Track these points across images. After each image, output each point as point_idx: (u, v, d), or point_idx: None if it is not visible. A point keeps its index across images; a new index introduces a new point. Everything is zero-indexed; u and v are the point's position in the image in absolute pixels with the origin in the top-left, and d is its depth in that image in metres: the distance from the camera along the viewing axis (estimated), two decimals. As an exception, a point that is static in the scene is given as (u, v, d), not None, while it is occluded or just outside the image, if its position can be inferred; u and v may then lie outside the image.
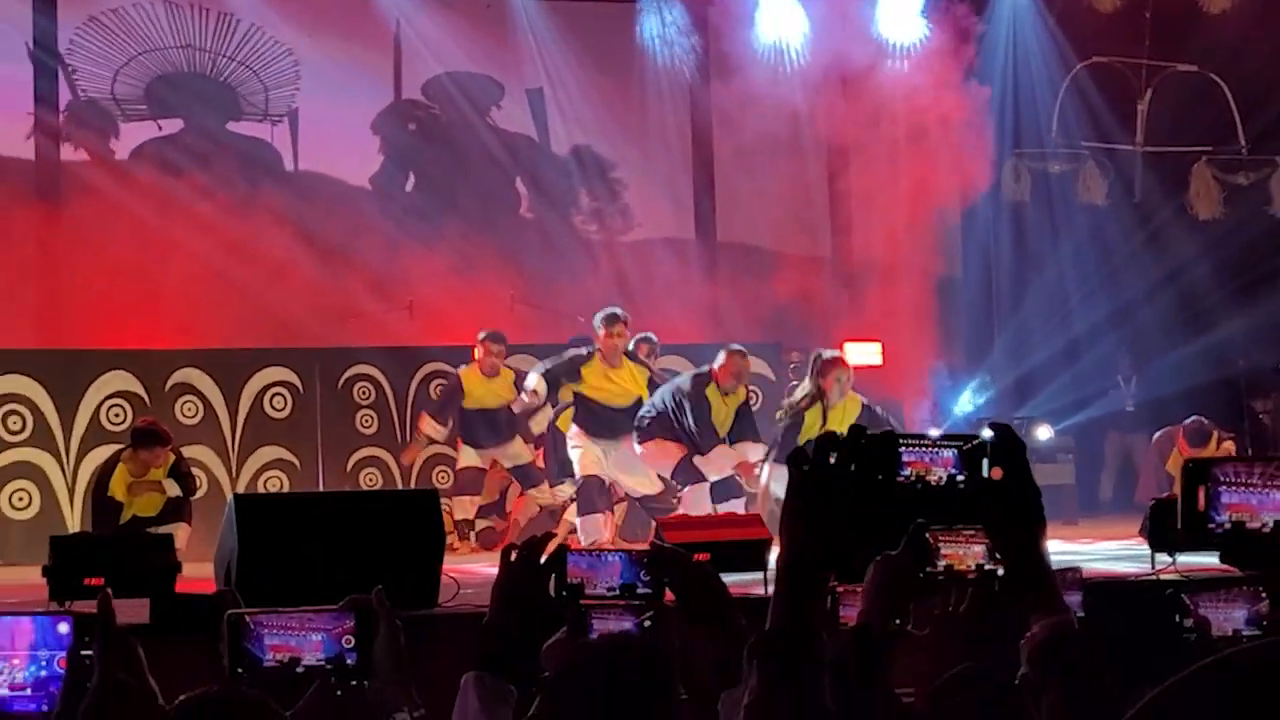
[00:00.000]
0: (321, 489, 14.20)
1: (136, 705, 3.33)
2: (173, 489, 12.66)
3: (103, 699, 3.28)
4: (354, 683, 3.95)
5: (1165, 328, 16.38)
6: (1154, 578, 8.89)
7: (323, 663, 3.97)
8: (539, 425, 14.33)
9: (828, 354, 13.35)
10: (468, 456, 14.22)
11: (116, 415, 14.44)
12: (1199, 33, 17.00)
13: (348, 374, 14.98)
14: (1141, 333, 16.62)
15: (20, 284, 16.07)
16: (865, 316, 17.24)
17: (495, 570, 3.91)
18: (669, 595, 4.44)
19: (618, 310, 13.27)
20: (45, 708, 3.49)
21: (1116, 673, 3.23)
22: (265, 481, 14.53)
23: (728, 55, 17.70)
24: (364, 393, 14.90)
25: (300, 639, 3.97)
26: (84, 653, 3.45)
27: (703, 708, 3.84)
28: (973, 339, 17.31)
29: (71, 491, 14.19)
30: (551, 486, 14.12)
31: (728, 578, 4.61)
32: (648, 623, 4.48)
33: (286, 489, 14.27)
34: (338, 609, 4.03)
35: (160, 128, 16.92)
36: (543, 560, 4.12)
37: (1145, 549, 9.65)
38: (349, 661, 3.98)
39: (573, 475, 13.22)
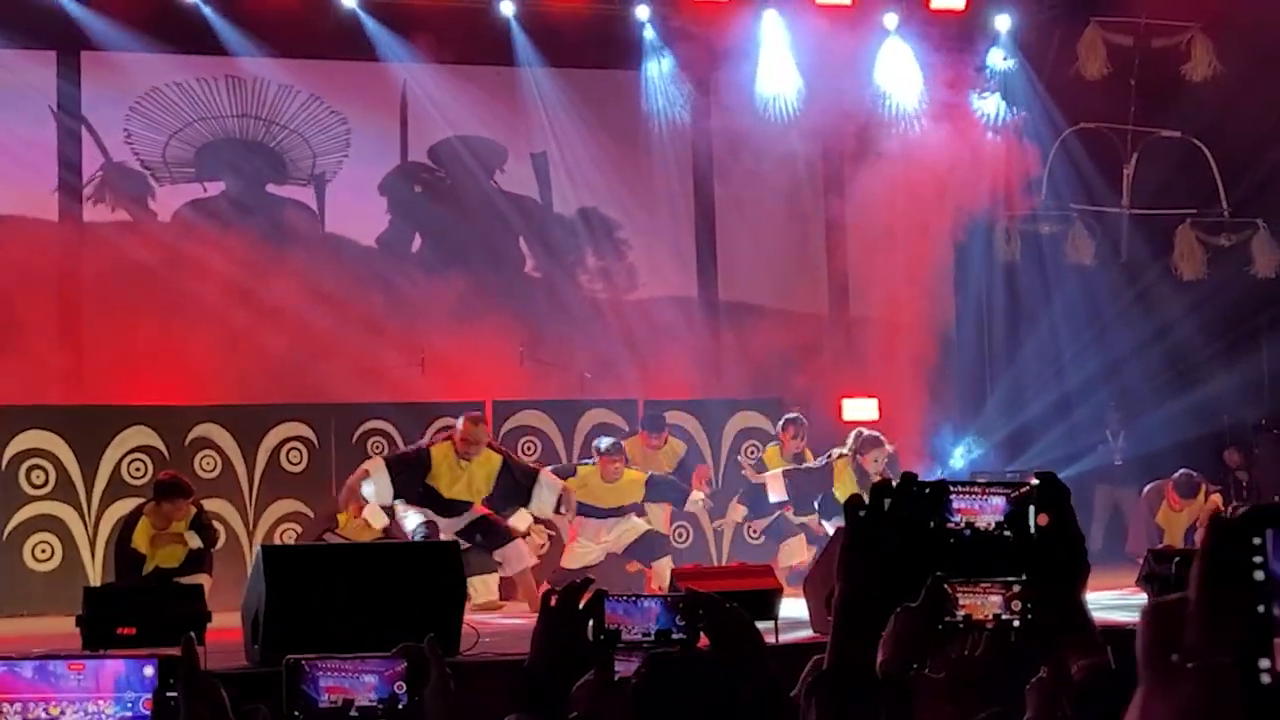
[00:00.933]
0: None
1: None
2: (194, 540, 12.69)
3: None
4: None
5: (1153, 384, 16.43)
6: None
7: (375, 704, 4.04)
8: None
9: (868, 433, 13.71)
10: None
11: (137, 469, 14.50)
12: (1182, 100, 17.15)
13: (362, 429, 15.08)
14: (1130, 389, 16.65)
15: (43, 341, 16.14)
16: (863, 372, 17.33)
17: (510, 622, 3.99)
18: (703, 640, 4.51)
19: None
20: (131, 749, 3.56)
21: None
22: (281, 533, 14.58)
23: (729, 121, 17.85)
24: (377, 447, 14.90)
25: (354, 681, 4.05)
26: (169, 694, 3.53)
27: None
28: (967, 394, 17.38)
29: (93, 543, 14.26)
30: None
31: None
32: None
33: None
34: (391, 655, 4.10)
35: (205, 189, 16.98)
36: (581, 605, 4.20)
37: (1140, 598, 9.74)
38: (400, 705, 4.05)
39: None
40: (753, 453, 15.62)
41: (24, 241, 16.25)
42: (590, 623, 4.51)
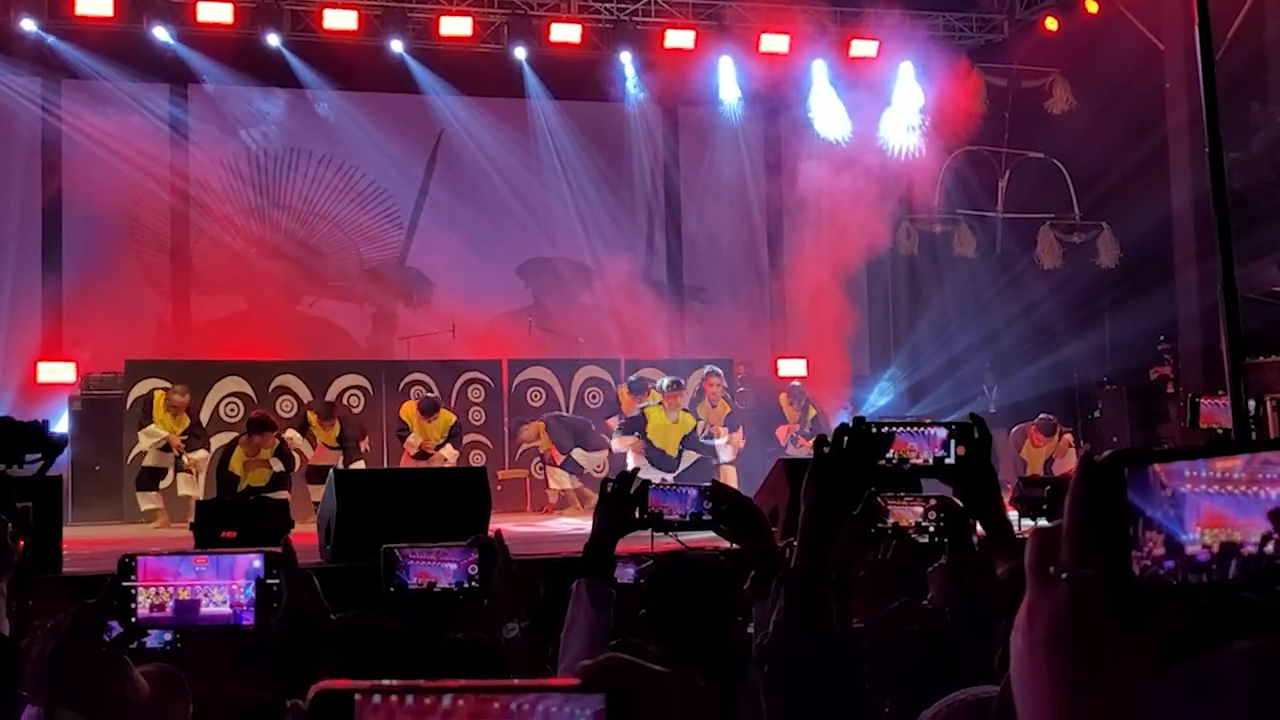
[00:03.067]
0: (386, 465, 14.39)
1: (315, 619, 3.53)
2: (278, 465, 12.80)
3: (292, 613, 3.47)
4: (475, 600, 4.10)
5: (1021, 349, 16.48)
6: (1024, 537, 9.20)
7: (453, 586, 4.13)
8: None
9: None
10: None
11: (231, 410, 14.56)
12: (1045, 128, 17.20)
13: (405, 380, 15.14)
14: (1003, 353, 16.70)
15: (160, 310, 16.23)
16: (795, 338, 17.46)
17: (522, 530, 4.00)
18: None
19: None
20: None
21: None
22: (340, 462, 14.63)
23: (692, 144, 17.97)
24: (418, 394, 14.97)
25: (438, 568, 4.13)
26: (270, 581, 3.63)
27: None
28: (876, 356, 17.50)
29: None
30: None
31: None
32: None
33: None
34: (465, 545, 4.18)
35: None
36: (631, 492, 4.30)
37: (1012, 515, 9.91)
38: (473, 585, 4.13)
39: None
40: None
41: (145, 236, 16.34)
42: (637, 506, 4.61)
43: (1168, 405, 15.60)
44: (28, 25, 15.09)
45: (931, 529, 5.96)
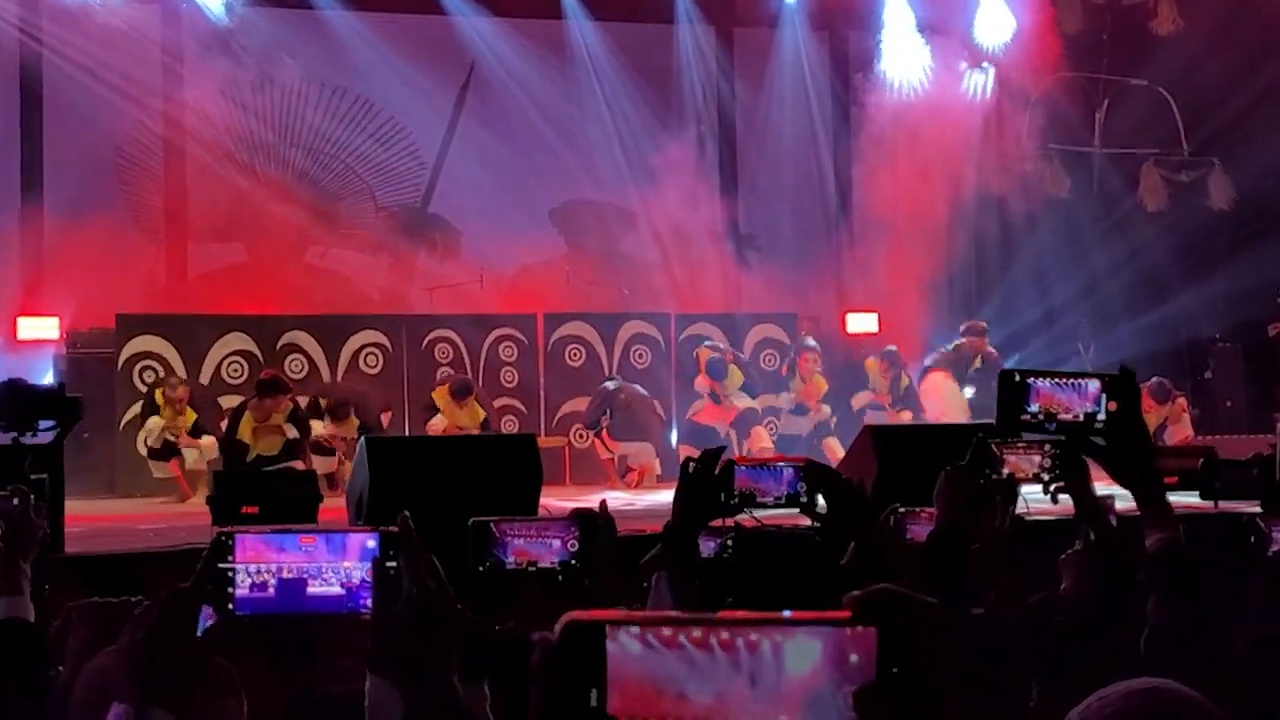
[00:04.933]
0: (408, 434, 14.47)
1: (443, 604, 3.62)
2: (292, 432, 12.91)
3: (418, 602, 3.56)
4: (578, 581, 4.17)
5: (1124, 301, 16.38)
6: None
7: (555, 566, 4.19)
8: None
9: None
10: None
11: (235, 370, 14.63)
12: (1149, 52, 17.10)
13: (430, 337, 15.20)
14: (1103, 305, 16.59)
15: (153, 258, 16.33)
16: (868, 289, 17.48)
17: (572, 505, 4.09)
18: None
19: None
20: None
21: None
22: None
23: (750, 68, 17.94)
24: (444, 353, 15.12)
25: (541, 545, 4.18)
26: (389, 564, 3.70)
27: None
28: (958, 310, 17.44)
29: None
30: None
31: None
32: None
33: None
34: (567, 519, 4.24)
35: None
36: (716, 472, 4.39)
37: (1116, 488, 9.96)
38: (575, 564, 4.19)
39: None
40: (771, 360, 15.80)
41: (136, 175, 16.43)
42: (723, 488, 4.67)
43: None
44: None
45: (1048, 479, 6.03)
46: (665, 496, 12.09)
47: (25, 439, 7.48)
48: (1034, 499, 8.20)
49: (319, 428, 13.42)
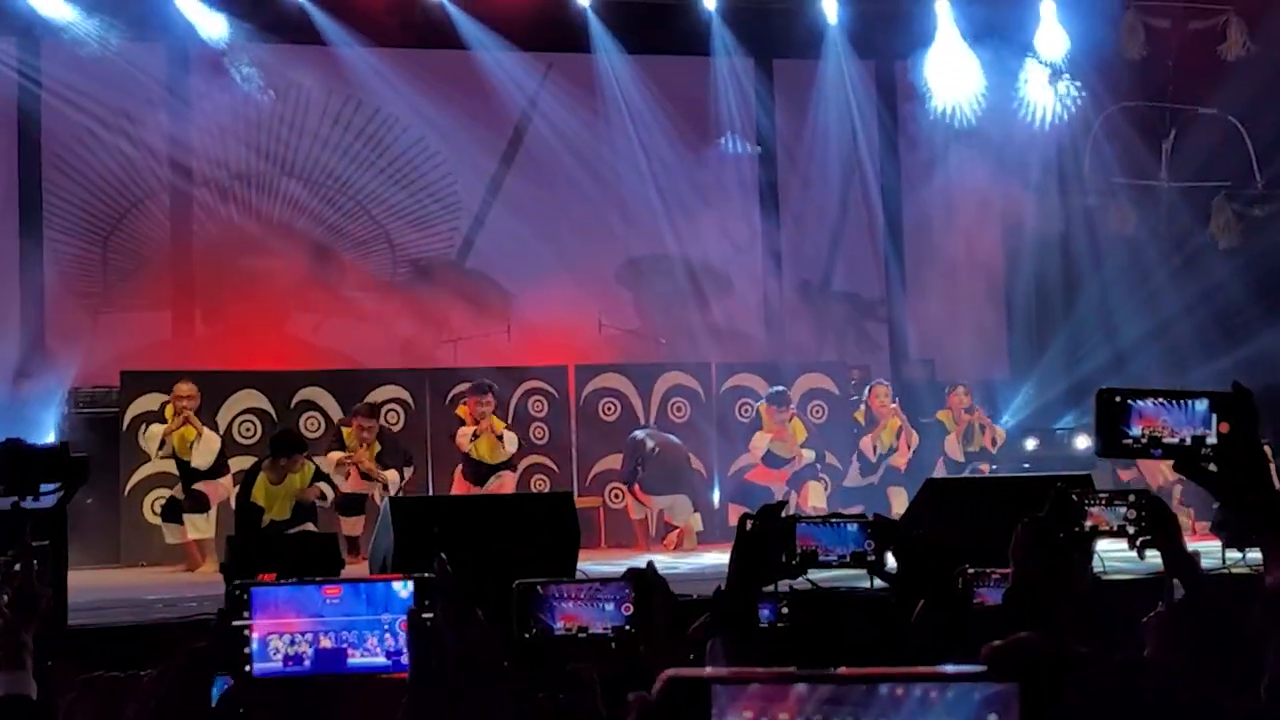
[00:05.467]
0: (431, 493, 14.21)
1: (489, 659, 3.35)
2: (328, 489, 12.69)
3: (463, 658, 3.28)
4: (633, 649, 3.92)
5: (1200, 343, 16.05)
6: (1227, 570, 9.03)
7: (608, 630, 3.93)
8: None
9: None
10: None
11: (247, 430, 14.43)
12: (1218, 79, 16.91)
13: (455, 391, 14.84)
14: (1177, 347, 16.27)
15: (160, 313, 16.18)
16: (921, 337, 17.27)
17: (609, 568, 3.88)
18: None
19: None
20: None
21: None
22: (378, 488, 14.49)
23: (792, 102, 17.78)
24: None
25: (592, 610, 3.92)
26: (425, 615, 3.45)
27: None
28: (1019, 356, 17.22)
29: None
30: None
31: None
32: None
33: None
34: (621, 579, 4.00)
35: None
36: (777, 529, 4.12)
37: (1215, 544, 9.65)
38: (629, 629, 3.95)
39: None
40: (819, 413, 15.54)
41: (141, 221, 16.32)
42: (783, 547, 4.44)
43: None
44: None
45: (1134, 532, 5.76)
46: (710, 559, 11.93)
47: (26, 503, 7.28)
48: (1110, 560, 7.97)
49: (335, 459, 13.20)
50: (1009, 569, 5.22)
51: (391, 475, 13.27)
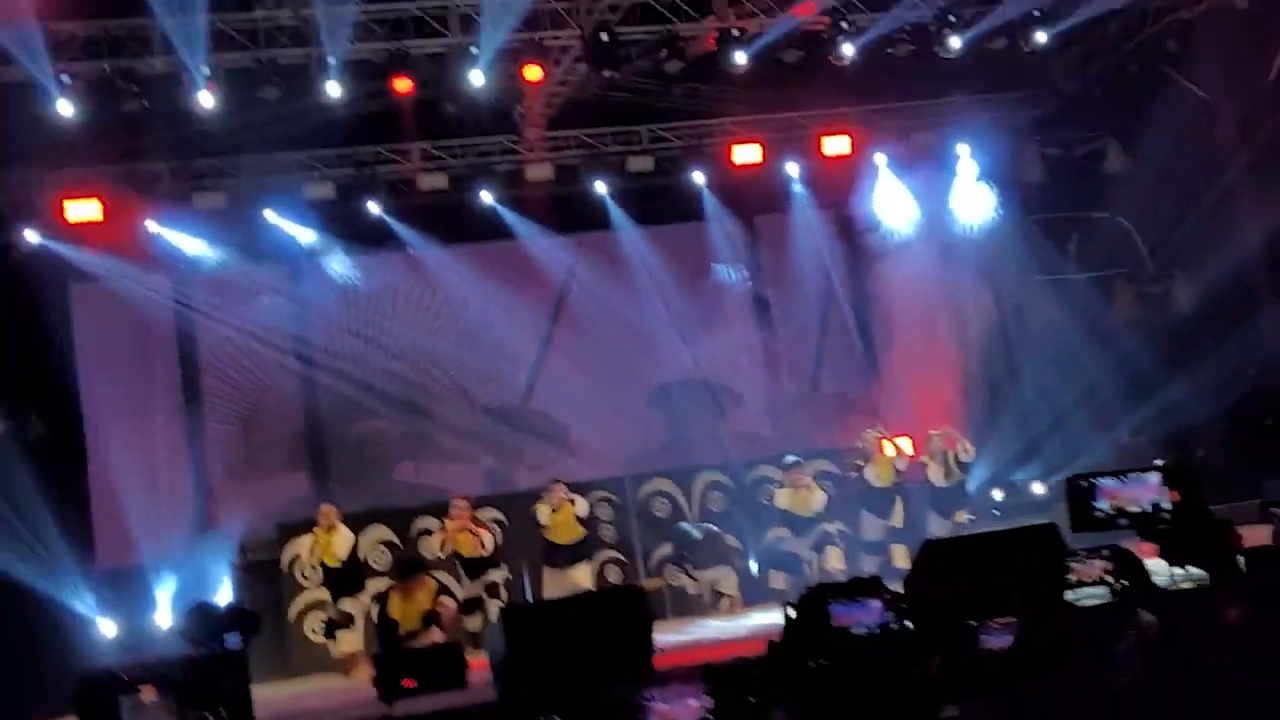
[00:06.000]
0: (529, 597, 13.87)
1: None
2: (451, 602, 12.50)
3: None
4: None
5: (1124, 402, 15.85)
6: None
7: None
8: None
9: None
10: None
11: (379, 558, 14.30)
12: (1106, 189, 16.89)
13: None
14: (1104, 405, 16.03)
15: (296, 473, 16.14)
16: (900, 421, 17.10)
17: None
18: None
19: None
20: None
21: None
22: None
23: (774, 248, 17.78)
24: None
25: (678, 707, 3.76)
26: None
27: None
28: (980, 427, 17.05)
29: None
30: None
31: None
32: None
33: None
34: (700, 679, 3.85)
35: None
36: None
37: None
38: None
39: None
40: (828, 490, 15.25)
41: (277, 405, 16.35)
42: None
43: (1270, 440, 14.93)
44: (153, 228, 15.29)
45: (1114, 584, 5.62)
46: (757, 619, 11.73)
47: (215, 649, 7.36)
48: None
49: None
50: (1007, 618, 5.08)
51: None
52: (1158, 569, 7.18)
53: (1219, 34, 15.00)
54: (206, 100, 12.86)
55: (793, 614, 3.95)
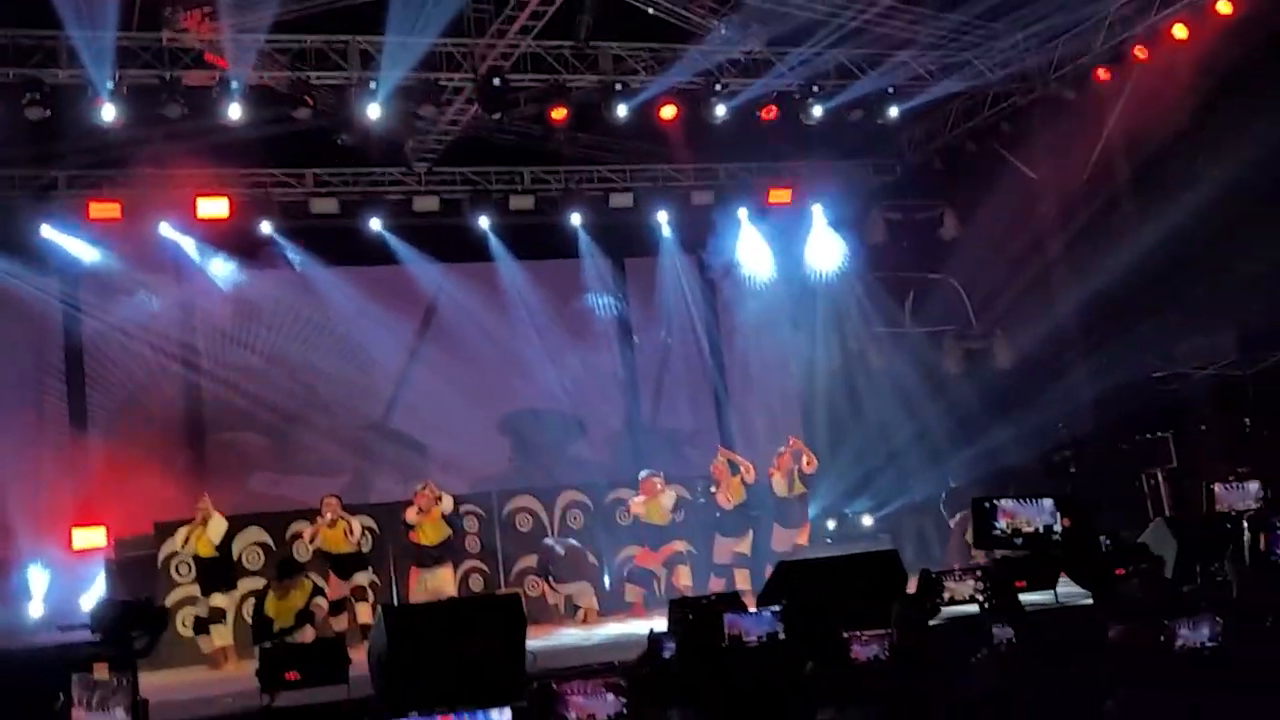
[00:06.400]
0: (395, 601, 13.92)
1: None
2: (321, 611, 12.54)
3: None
4: None
5: (950, 442, 16.31)
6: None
7: (610, 718, 4.01)
8: None
9: None
10: None
11: (253, 558, 14.19)
12: (941, 253, 17.55)
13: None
14: (934, 445, 16.49)
15: (175, 473, 16.00)
16: (750, 452, 17.52)
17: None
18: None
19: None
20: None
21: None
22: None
23: (643, 290, 18.17)
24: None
25: (595, 700, 3.97)
26: None
27: None
28: (821, 460, 17.57)
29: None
30: None
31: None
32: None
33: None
34: (618, 676, 4.05)
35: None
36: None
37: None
38: (625, 713, 4.00)
39: None
40: (680, 511, 15.57)
41: (162, 410, 16.18)
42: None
43: (1069, 483, 15.71)
44: (47, 232, 15.09)
45: (983, 599, 6.01)
46: (614, 630, 12.00)
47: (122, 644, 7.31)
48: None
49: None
50: (876, 630, 5.41)
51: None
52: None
53: (1047, 121, 15.68)
54: (109, 113, 12.84)
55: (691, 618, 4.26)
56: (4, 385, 15.22)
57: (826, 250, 17.84)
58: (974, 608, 5.57)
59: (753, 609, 5.70)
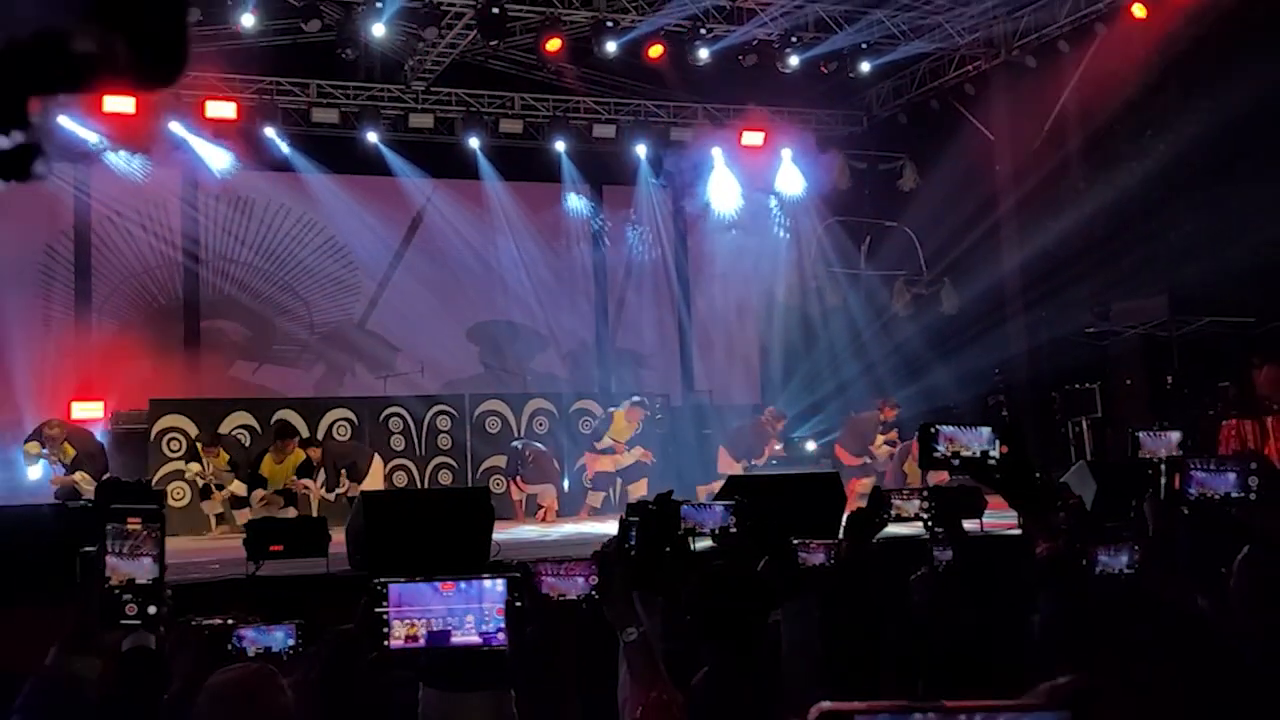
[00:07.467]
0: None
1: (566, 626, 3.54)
2: (300, 487, 12.57)
3: (544, 624, 3.47)
4: (598, 610, 4.03)
5: (894, 378, 16.36)
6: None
7: (580, 597, 4.05)
8: None
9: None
10: None
11: (241, 438, 14.25)
12: (899, 202, 17.53)
13: (385, 412, 14.86)
14: (880, 380, 16.49)
15: (171, 357, 15.89)
16: (708, 375, 17.65)
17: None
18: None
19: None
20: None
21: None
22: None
23: (618, 218, 18.03)
24: (396, 424, 14.82)
25: (568, 582, 4.03)
26: (516, 603, 3.61)
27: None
28: (773, 387, 17.66)
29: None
30: None
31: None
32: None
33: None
34: (589, 560, 4.08)
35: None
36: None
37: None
38: (594, 595, 4.04)
39: None
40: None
41: (160, 295, 16.03)
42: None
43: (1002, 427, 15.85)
44: (63, 120, 14.79)
45: (925, 518, 6.06)
46: (569, 529, 12.12)
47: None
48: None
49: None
50: (825, 540, 5.47)
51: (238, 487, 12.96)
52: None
53: (1007, 85, 15.70)
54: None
55: (651, 507, 4.25)
56: (17, 267, 14.99)
57: (792, 190, 17.75)
58: (918, 526, 5.61)
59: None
